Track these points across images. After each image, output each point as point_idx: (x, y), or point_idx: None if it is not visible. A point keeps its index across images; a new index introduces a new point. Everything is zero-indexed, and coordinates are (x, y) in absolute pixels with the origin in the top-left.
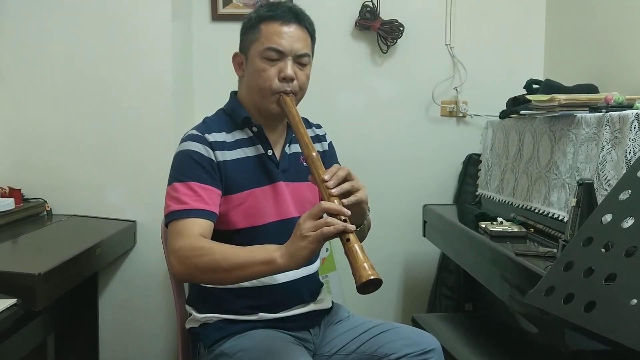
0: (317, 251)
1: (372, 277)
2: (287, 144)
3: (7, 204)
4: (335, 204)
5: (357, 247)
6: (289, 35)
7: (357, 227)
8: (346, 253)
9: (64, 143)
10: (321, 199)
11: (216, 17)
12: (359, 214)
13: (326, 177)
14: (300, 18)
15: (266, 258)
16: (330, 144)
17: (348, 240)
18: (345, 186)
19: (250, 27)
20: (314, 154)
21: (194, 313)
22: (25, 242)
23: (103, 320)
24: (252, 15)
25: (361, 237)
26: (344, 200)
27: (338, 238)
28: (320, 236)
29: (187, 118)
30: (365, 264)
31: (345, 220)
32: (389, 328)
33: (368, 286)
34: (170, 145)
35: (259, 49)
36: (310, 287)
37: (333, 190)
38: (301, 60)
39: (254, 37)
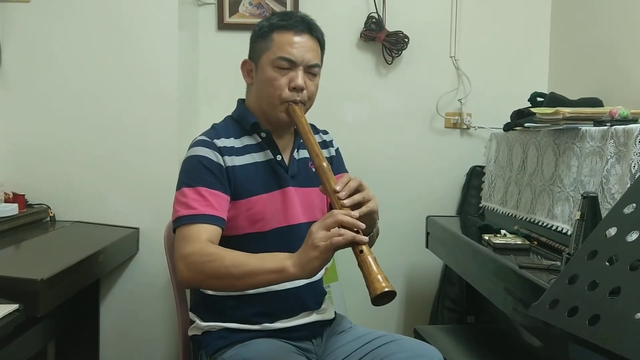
0: (328, 260)
1: (386, 290)
2: (296, 150)
3: (11, 209)
4: (349, 218)
5: (370, 259)
6: (301, 46)
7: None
8: (359, 265)
9: (68, 150)
10: (331, 209)
11: (222, 26)
12: (369, 223)
13: (338, 187)
14: (312, 29)
15: (277, 267)
16: (337, 150)
17: (361, 252)
18: (357, 197)
19: (262, 35)
20: (325, 164)
21: (197, 321)
22: (28, 247)
23: (104, 327)
24: (264, 24)
25: (369, 244)
26: (356, 212)
27: (349, 249)
28: (330, 246)
29: (192, 126)
30: (379, 276)
31: (357, 232)
32: (392, 340)
33: (382, 298)
34: (174, 153)
35: (270, 57)
36: (315, 294)
37: (345, 202)
38: (312, 71)
39: (265, 46)
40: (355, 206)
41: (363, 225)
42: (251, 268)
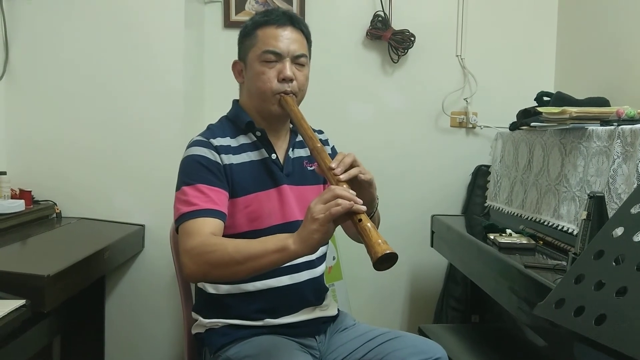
0: (328, 234)
1: (387, 252)
2: (291, 149)
3: (18, 205)
4: (347, 193)
5: (369, 225)
6: (285, 38)
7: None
8: (359, 233)
9: (75, 147)
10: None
11: (228, 24)
12: (368, 201)
13: (333, 165)
14: (294, 21)
15: (279, 246)
16: (333, 148)
17: (360, 220)
18: (353, 172)
19: (247, 34)
20: (319, 145)
21: (200, 318)
22: (35, 243)
23: (109, 324)
24: (248, 23)
25: None
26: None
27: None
28: (330, 216)
29: (197, 124)
30: (379, 240)
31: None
32: (395, 336)
33: (384, 261)
34: (180, 151)
35: (256, 53)
36: (315, 289)
37: (341, 177)
38: (299, 61)
39: (251, 43)
40: (352, 181)
41: (360, 201)
42: (254, 251)
